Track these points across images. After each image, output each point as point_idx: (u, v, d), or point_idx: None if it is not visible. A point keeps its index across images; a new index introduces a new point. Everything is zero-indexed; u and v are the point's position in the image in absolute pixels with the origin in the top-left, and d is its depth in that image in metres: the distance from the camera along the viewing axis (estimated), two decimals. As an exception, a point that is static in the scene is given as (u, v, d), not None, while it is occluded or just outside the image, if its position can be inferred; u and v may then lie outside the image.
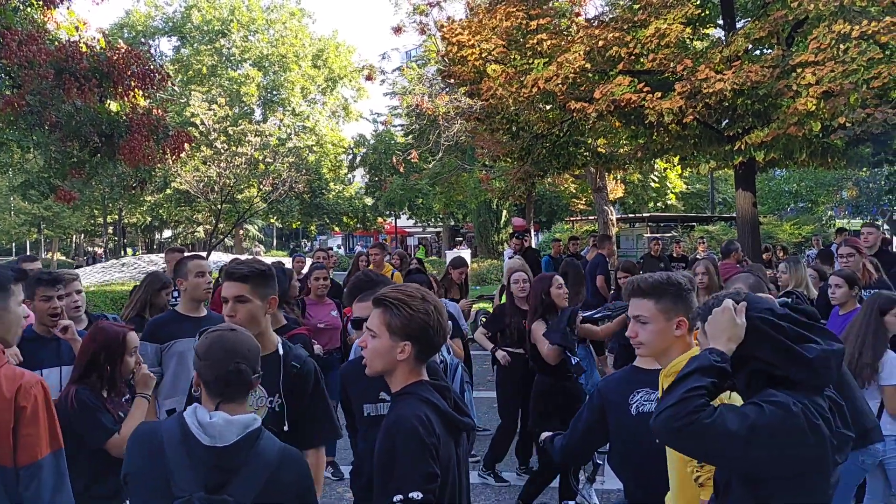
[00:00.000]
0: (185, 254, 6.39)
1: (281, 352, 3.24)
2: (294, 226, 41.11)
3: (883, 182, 24.53)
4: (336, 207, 36.20)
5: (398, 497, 2.18)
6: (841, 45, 9.54)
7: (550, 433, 4.12)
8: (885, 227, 32.30)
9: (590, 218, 29.22)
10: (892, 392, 4.46)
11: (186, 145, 13.63)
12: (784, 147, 11.25)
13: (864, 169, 17.39)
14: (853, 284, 5.56)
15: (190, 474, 2.28)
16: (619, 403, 3.38)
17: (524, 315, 6.16)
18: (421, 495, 2.17)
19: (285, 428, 3.09)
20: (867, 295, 5.46)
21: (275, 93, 37.53)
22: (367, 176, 37.39)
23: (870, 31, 9.35)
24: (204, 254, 21.39)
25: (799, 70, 9.95)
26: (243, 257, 6.83)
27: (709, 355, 2.15)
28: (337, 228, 40.39)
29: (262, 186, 20.53)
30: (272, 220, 38.57)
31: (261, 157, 20.31)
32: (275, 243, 61.63)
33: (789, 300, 4.21)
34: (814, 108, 9.72)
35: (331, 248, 10.26)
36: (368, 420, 3.40)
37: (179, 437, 2.34)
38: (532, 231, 26.94)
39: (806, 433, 2.07)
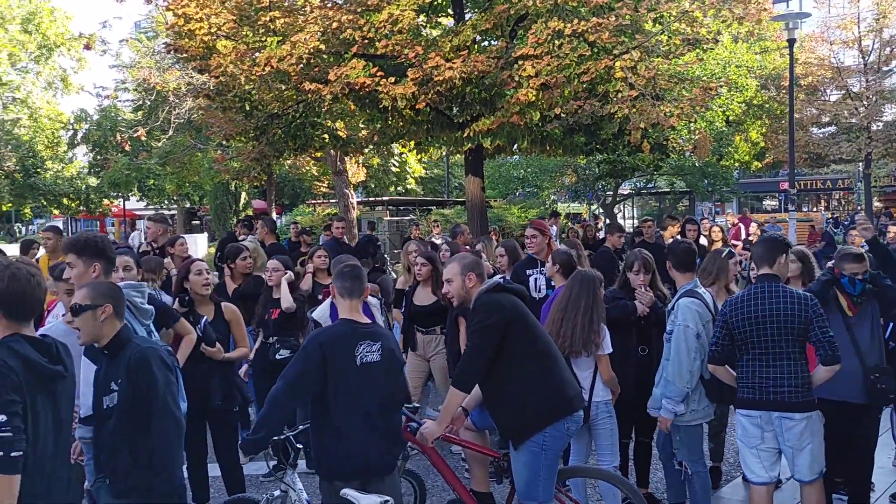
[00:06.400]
0: None
1: None
2: (4, 208, 36.67)
3: (597, 169, 26.90)
4: (54, 188, 32.74)
5: None
6: (556, 41, 10.22)
7: None
8: (599, 210, 35.72)
9: (331, 201, 29.17)
10: (607, 360, 4.86)
11: None
12: (508, 135, 11.90)
13: (581, 157, 18.95)
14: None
15: None
16: (343, 356, 3.62)
17: None
18: (5, 417, 2.66)
19: None
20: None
21: (-25, 58, 32.97)
22: (91, 154, 34.22)
23: (580, 30, 10.11)
24: None
25: (520, 62, 10.53)
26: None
27: None
28: (56, 211, 36.59)
29: (-45, 163, 17.89)
30: (-24, 202, 34.04)
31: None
32: (-19, 227, 54.68)
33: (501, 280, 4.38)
34: (533, 98, 10.35)
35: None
36: None
37: None
38: (274, 214, 26.30)
39: None
